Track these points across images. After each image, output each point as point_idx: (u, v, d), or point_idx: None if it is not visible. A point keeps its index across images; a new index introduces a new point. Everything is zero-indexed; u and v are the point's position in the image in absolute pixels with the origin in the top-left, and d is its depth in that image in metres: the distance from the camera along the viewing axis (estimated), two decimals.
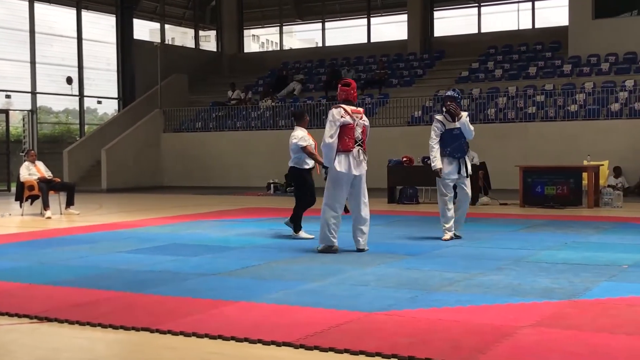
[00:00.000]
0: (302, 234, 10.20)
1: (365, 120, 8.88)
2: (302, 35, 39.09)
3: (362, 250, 8.76)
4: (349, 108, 8.76)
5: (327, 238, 8.70)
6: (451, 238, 9.74)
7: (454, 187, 9.98)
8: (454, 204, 9.97)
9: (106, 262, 8.28)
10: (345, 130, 8.64)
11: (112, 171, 23.82)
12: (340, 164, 8.63)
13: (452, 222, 9.82)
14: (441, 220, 9.89)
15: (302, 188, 10.37)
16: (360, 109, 8.95)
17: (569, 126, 19.76)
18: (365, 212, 8.81)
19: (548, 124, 20.20)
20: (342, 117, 8.65)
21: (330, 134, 8.63)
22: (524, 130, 20.26)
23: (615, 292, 6.20)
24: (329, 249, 8.67)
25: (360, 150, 8.72)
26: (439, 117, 9.92)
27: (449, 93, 10.06)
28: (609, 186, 16.08)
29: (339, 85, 9.05)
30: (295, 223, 10.26)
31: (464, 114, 9.96)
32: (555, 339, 4.78)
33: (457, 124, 9.83)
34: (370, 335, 4.90)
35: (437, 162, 9.71)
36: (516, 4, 28.64)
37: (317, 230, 9.19)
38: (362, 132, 8.77)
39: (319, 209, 9.02)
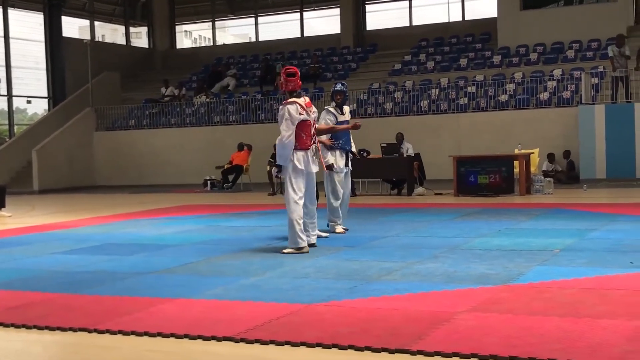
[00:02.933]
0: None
1: (315, 112, 8.58)
2: (235, 31, 38.81)
3: (313, 245, 8.44)
4: (302, 102, 8.34)
5: (295, 239, 8.15)
6: (345, 230, 9.83)
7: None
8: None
9: (40, 263, 8.12)
10: (302, 127, 8.23)
11: (43, 172, 23.32)
12: (299, 162, 8.22)
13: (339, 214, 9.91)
14: (330, 215, 9.80)
15: None
16: (307, 99, 8.57)
17: (500, 116, 20.13)
18: (312, 206, 8.58)
19: (480, 114, 20.54)
20: (300, 114, 8.22)
21: (288, 133, 8.13)
22: (457, 121, 20.56)
23: (547, 276, 6.37)
24: (299, 251, 8.11)
25: (314, 147, 8.51)
26: (330, 109, 9.94)
27: (338, 87, 10.05)
28: (544, 171, 16.45)
29: (284, 75, 8.48)
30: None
31: (347, 108, 10.13)
32: (491, 323, 4.89)
33: (346, 117, 9.97)
34: (310, 327, 4.93)
35: (329, 157, 9.62)
36: None
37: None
38: (313, 127, 8.48)
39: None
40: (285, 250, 8.20)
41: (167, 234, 10.57)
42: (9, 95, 26.74)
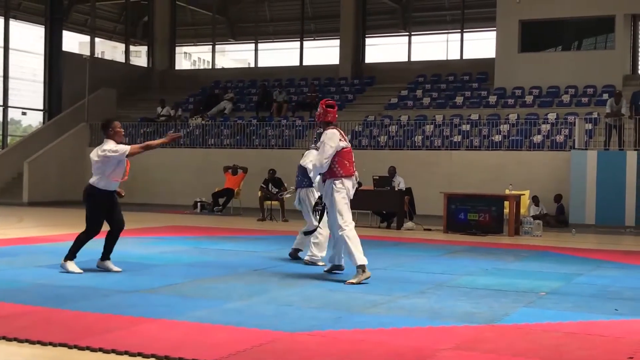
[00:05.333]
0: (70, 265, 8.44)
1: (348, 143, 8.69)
2: (234, 55, 39.01)
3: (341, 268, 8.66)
4: (340, 131, 8.45)
5: (359, 256, 8.06)
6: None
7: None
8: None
9: (25, 276, 8.07)
10: (344, 154, 8.30)
11: (34, 184, 23.24)
12: (348, 189, 8.31)
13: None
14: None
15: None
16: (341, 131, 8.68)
17: (492, 156, 20.21)
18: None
19: (473, 152, 20.62)
20: (340, 140, 8.31)
21: (326, 157, 8.19)
22: (450, 158, 20.63)
23: (532, 318, 6.37)
24: (363, 273, 8.01)
25: (357, 174, 8.59)
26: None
27: None
28: (532, 216, 16.44)
29: (323, 107, 8.50)
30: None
31: None
32: None
33: None
34: (292, 355, 4.91)
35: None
36: (445, 35, 29.29)
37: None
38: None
39: None
40: (352, 280, 7.97)
41: (153, 253, 10.54)
42: (5, 106, 26.71)
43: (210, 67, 34.27)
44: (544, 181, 18.90)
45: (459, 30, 28.01)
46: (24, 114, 28.31)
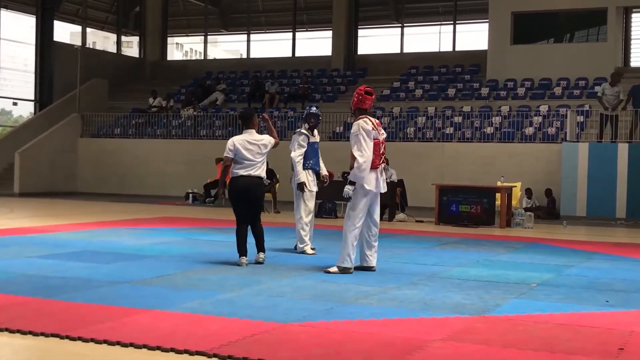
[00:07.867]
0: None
1: (384, 134, 8.26)
2: (226, 46, 38.94)
3: (371, 269, 8.33)
4: (374, 120, 8.09)
5: (344, 258, 8.05)
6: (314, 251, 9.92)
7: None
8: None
9: (16, 266, 8.05)
10: (372, 146, 7.94)
11: (25, 175, 23.15)
12: (368, 182, 7.94)
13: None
14: (301, 234, 9.95)
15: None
16: (376, 120, 8.28)
17: (484, 148, 20.23)
18: (377, 229, 8.39)
19: (465, 144, 20.64)
20: (372, 129, 7.93)
21: (363, 159, 7.83)
22: (441, 150, 20.65)
23: (523, 309, 6.39)
24: (346, 271, 8.04)
25: (383, 166, 8.23)
26: (303, 130, 10.06)
27: (314, 110, 10.20)
28: (524, 208, 16.47)
29: (362, 93, 8.13)
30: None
31: (316, 132, 10.29)
32: (465, 353, 4.89)
33: (317, 139, 10.15)
34: (284, 346, 4.92)
35: (302, 176, 9.90)
36: (438, 27, 29.25)
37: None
38: (383, 146, 8.20)
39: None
40: (330, 270, 8.09)
41: (145, 244, 10.52)
42: None
43: (202, 58, 34.16)
44: (536, 173, 18.94)
45: (452, 22, 28.00)
46: (15, 104, 28.19)
